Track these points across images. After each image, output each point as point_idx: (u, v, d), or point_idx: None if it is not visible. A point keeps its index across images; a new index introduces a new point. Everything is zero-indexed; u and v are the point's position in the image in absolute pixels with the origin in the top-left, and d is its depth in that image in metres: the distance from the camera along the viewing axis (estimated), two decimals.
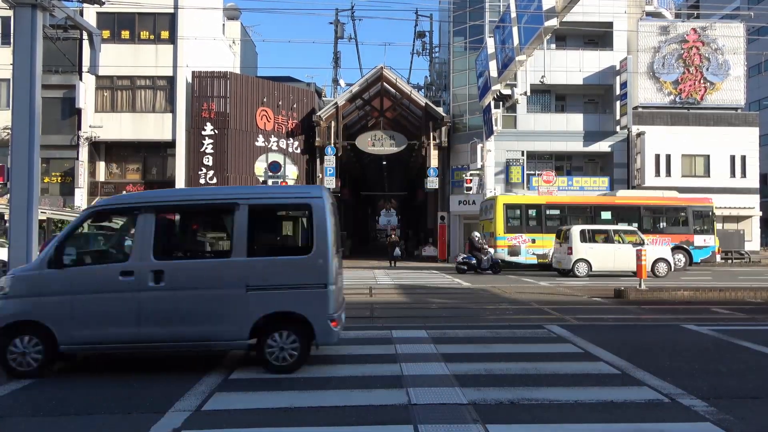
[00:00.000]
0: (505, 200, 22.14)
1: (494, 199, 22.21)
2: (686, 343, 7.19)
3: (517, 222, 21.85)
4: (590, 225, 19.77)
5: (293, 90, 30.01)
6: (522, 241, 21.11)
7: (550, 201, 22.77)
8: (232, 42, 34.83)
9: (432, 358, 6.16)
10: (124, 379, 5.43)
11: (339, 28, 37.24)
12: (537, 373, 5.53)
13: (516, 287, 14.91)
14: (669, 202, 22.87)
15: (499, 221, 21.48)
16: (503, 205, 21.74)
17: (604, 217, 21.97)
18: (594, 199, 23.36)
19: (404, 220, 60.69)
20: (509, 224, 21.64)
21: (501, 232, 21.30)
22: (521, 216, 22.02)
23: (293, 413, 4.39)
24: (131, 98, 27.03)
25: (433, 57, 38.65)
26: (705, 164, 28.42)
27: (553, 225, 21.66)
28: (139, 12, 26.09)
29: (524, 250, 21.21)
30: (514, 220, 21.85)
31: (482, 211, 23.91)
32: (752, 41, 35.87)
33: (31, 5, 11.67)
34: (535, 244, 21.35)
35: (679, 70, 28.25)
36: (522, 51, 21.60)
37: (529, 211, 22.13)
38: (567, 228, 18.98)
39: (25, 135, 11.63)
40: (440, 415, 4.28)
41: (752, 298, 12.15)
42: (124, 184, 27.75)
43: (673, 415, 4.34)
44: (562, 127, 28.49)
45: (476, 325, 8.76)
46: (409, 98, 29.83)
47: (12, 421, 4.33)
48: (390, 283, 16.45)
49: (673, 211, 22.72)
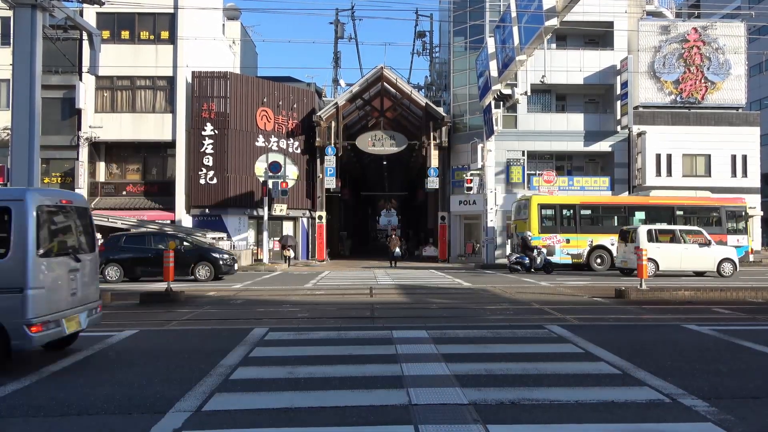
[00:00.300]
0: (540, 200, 22.24)
1: (528, 200, 22.27)
2: (687, 343, 7.18)
3: (551, 222, 21.97)
4: (657, 225, 19.97)
5: (293, 90, 30.01)
6: (556, 241, 21.21)
7: (585, 201, 22.98)
8: (232, 42, 34.84)
9: (432, 358, 6.16)
10: (125, 380, 5.43)
11: (339, 28, 37.28)
12: (538, 373, 5.53)
13: (516, 287, 14.90)
14: (702, 202, 22.98)
15: (533, 221, 21.60)
16: (537, 205, 21.85)
17: (638, 217, 22.22)
18: (628, 199, 23.54)
19: (404, 220, 60.72)
20: (543, 224, 21.76)
21: (536, 232, 21.39)
22: (555, 216, 22.15)
23: (294, 413, 4.39)
24: (131, 98, 27.03)
25: (433, 57, 38.67)
26: (706, 164, 28.41)
27: (587, 225, 21.98)
28: (138, 12, 26.10)
29: (558, 250, 21.31)
30: (548, 221, 21.97)
31: (515, 211, 24.03)
32: (753, 41, 35.83)
33: (31, 5, 11.68)
34: (570, 244, 21.46)
35: (679, 70, 28.24)
36: (522, 51, 21.58)
37: (563, 211, 22.29)
38: (634, 228, 19.22)
39: (25, 135, 11.64)
40: (441, 415, 4.27)
41: (753, 297, 12.14)
42: (124, 185, 27.77)
43: (674, 415, 4.34)
44: (562, 127, 28.48)
45: (477, 325, 8.76)
46: (409, 98, 29.83)
47: (12, 421, 4.32)
48: (390, 283, 16.45)
49: (706, 210, 22.79)
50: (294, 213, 28.85)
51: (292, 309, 10.81)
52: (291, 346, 6.91)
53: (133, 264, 17.08)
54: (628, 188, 27.90)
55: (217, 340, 7.42)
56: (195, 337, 8.00)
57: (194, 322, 9.40)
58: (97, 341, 7.26)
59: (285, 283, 16.71)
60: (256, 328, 8.16)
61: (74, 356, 6.41)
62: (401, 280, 17.73)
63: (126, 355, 6.64)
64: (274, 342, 7.22)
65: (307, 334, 7.74)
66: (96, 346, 7.00)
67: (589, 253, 21.35)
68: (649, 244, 17.96)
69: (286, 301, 12.17)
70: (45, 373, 5.69)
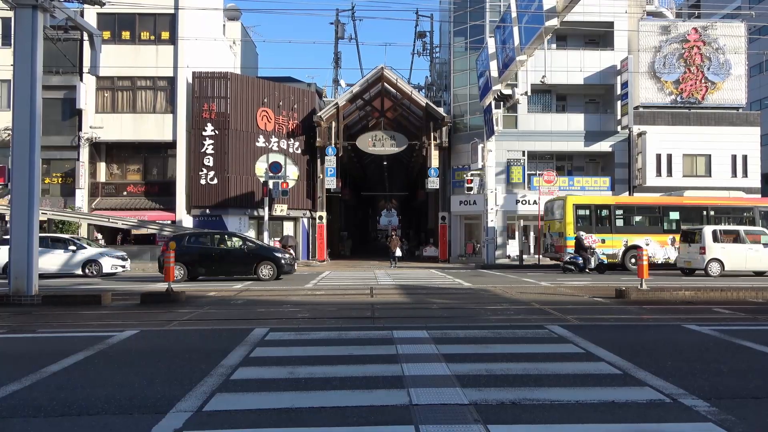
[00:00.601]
0: (575, 201, 22.43)
1: (563, 200, 22.43)
2: (688, 343, 7.18)
3: (586, 222, 22.11)
4: (721, 225, 20.21)
5: (294, 90, 30.03)
6: (592, 242, 21.29)
7: (620, 201, 23.22)
8: (232, 42, 34.86)
9: (433, 358, 6.15)
10: (126, 380, 5.43)
11: (339, 28, 37.31)
12: (538, 373, 5.52)
13: (517, 287, 14.90)
14: (735, 202, 23.15)
15: (568, 221, 21.77)
16: (573, 206, 22.02)
17: (672, 217, 22.49)
18: (662, 199, 23.67)
19: (405, 221, 60.70)
20: (579, 224, 21.86)
21: (571, 232, 21.52)
22: (590, 216, 22.28)
23: (294, 414, 4.39)
24: (132, 99, 27.05)
25: (433, 57, 38.69)
26: (706, 164, 28.42)
27: (622, 225, 22.16)
28: (139, 13, 26.14)
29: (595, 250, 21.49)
30: (583, 221, 22.11)
31: (547, 211, 24.17)
32: (753, 41, 35.84)
33: (32, 6, 11.69)
34: (605, 244, 21.58)
35: (680, 70, 28.24)
36: (523, 51, 21.60)
37: (598, 211, 22.40)
38: (698, 228, 19.39)
39: (25, 136, 11.65)
40: (441, 415, 4.27)
41: (754, 298, 12.13)
42: (124, 185, 27.79)
43: (675, 415, 4.33)
44: (563, 127, 28.49)
45: (477, 325, 8.75)
46: (409, 98, 29.84)
47: (13, 422, 4.32)
48: (391, 283, 16.44)
49: (739, 211, 22.89)
50: (294, 213, 28.87)
51: (292, 309, 10.81)
52: (292, 347, 6.91)
53: (196, 264, 17.35)
54: (629, 188, 27.91)
55: (218, 341, 7.42)
56: (196, 337, 7.99)
57: (195, 322, 9.40)
58: (97, 341, 7.27)
59: (285, 283, 16.71)
60: (257, 328, 8.16)
61: (75, 356, 6.42)
62: (402, 280, 17.73)
63: (127, 355, 6.64)
64: (275, 342, 7.22)
65: (307, 334, 7.74)
66: (97, 346, 7.00)
67: (624, 253, 21.55)
68: (715, 244, 18.30)
69: (286, 301, 12.17)
70: (45, 373, 5.70)
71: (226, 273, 17.70)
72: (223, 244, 18.10)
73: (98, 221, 24.13)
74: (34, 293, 11.69)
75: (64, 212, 24.82)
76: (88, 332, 8.26)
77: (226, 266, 17.60)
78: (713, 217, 22.32)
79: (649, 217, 22.66)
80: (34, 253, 11.81)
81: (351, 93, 29.83)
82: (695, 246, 18.71)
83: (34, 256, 11.82)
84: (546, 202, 24.65)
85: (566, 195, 23.16)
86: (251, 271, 17.25)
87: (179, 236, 19.20)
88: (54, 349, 6.81)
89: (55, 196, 26.84)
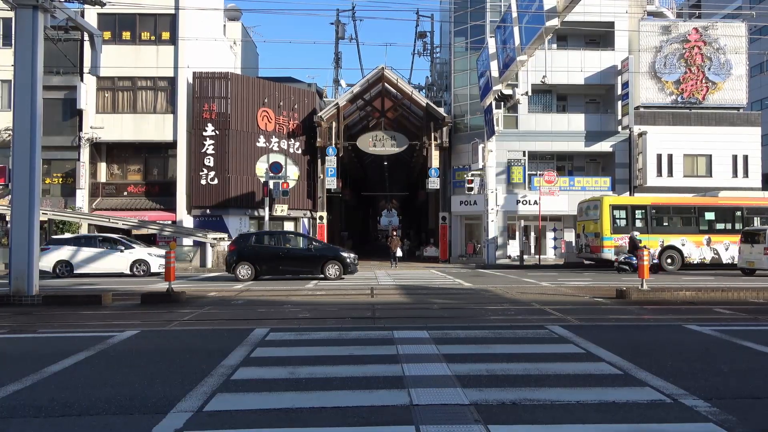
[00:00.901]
0: (612, 201, 22.61)
1: (600, 200, 22.58)
2: (688, 343, 7.17)
3: (623, 222, 22.26)
4: None
5: (294, 91, 30.03)
6: None
7: (656, 202, 23.28)
8: (233, 43, 34.85)
9: (433, 358, 6.16)
10: (126, 380, 5.43)
11: (340, 28, 37.32)
12: (539, 373, 5.52)
13: (517, 288, 14.90)
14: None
15: (605, 222, 21.91)
16: (609, 206, 22.19)
17: (707, 218, 22.59)
18: (697, 200, 23.77)
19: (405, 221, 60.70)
20: (615, 225, 22.05)
21: (607, 232, 21.75)
22: (627, 217, 22.44)
23: (295, 414, 4.39)
24: (132, 99, 27.05)
25: (434, 57, 38.69)
26: (707, 164, 28.41)
27: (658, 226, 22.35)
28: (140, 13, 26.15)
29: None
30: (620, 221, 22.27)
31: (581, 211, 24.32)
32: (754, 41, 35.84)
33: (33, 7, 11.70)
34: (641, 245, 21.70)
35: (680, 70, 28.23)
36: (523, 51, 21.59)
37: (635, 211, 22.53)
38: (762, 229, 19.50)
39: (26, 136, 11.66)
40: (442, 415, 4.27)
41: (755, 298, 12.13)
42: (125, 185, 27.80)
43: (676, 415, 4.33)
44: (563, 127, 28.48)
45: (478, 325, 8.75)
46: (410, 98, 29.84)
47: (13, 422, 4.32)
48: (391, 283, 16.45)
49: None
50: (295, 213, 28.86)
51: (293, 309, 10.82)
52: (292, 347, 6.91)
53: (263, 263, 17.54)
54: (629, 189, 27.91)
55: (219, 341, 7.42)
56: (196, 337, 8.00)
57: (195, 322, 9.41)
58: (98, 341, 7.27)
59: (286, 283, 16.72)
60: (258, 328, 8.17)
61: (75, 356, 6.42)
62: (402, 280, 17.74)
63: (127, 355, 6.64)
64: (276, 342, 7.22)
65: (308, 334, 7.74)
66: (97, 346, 7.00)
67: (660, 253, 21.67)
68: None
69: (287, 301, 12.17)
70: (46, 373, 5.70)
71: (293, 272, 17.93)
72: (290, 243, 18.40)
73: (99, 221, 24.13)
74: (35, 293, 11.70)
75: (64, 212, 24.83)
76: (88, 332, 8.26)
77: (294, 265, 17.80)
78: (747, 218, 22.54)
79: (685, 218, 22.78)
80: (34, 253, 11.81)
81: (351, 93, 29.84)
82: (759, 246, 18.84)
83: (34, 256, 11.83)
84: (580, 203, 24.81)
85: (602, 195, 23.37)
86: (318, 271, 17.57)
87: (245, 235, 19.53)
88: (55, 350, 6.82)
89: (55, 196, 26.85)
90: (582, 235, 23.76)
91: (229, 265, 17.56)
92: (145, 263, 19.88)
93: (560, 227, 29.10)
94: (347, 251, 18.99)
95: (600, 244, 21.89)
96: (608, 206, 22.15)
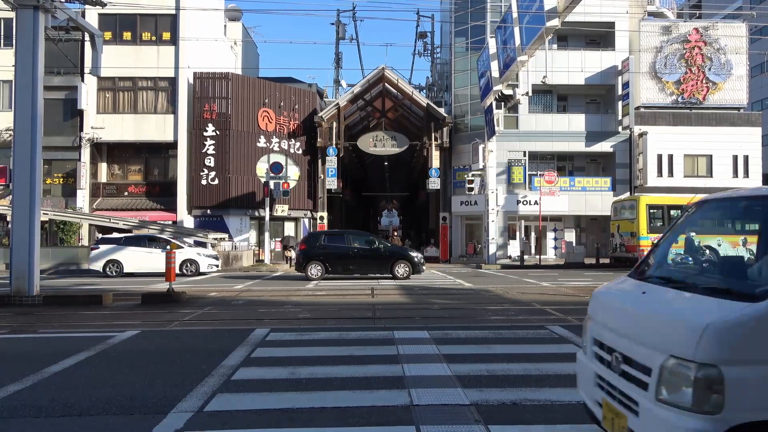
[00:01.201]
0: (648, 201, 22.78)
1: (636, 200, 22.79)
2: None
3: (659, 222, 22.38)
4: None
5: (295, 91, 30.04)
6: None
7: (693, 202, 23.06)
8: (233, 43, 34.87)
9: (434, 358, 6.16)
10: (126, 380, 5.44)
11: (340, 28, 37.30)
12: (539, 373, 5.53)
13: (518, 288, 14.90)
14: None
15: (642, 222, 22.11)
16: (646, 206, 22.41)
17: None
18: None
19: (406, 221, 60.70)
20: (652, 225, 22.18)
21: (644, 232, 21.92)
22: (663, 216, 22.56)
23: (295, 414, 4.39)
24: (133, 99, 27.07)
25: (434, 57, 38.68)
26: (707, 164, 28.39)
27: None
28: (140, 13, 26.16)
29: None
30: (656, 221, 22.37)
31: (615, 211, 24.48)
32: (754, 41, 35.84)
33: (34, 7, 11.71)
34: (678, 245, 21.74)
35: (681, 70, 28.22)
36: (524, 51, 21.58)
37: (671, 211, 22.62)
38: None
39: (27, 136, 11.67)
40: (442, 416, 4.28)
41: None
42: (125, 186, 27.81)
43: None
44: (563, 128, 28.48)
45: (478, 325, 8.75)
46: (410, 99, 29.85)
47: (14, 422, 4.33)
48: (392, 284, 16.44)
49: None
50: (295, 214, 28.87)
51: (293, 309, 10.82)
52: (292, 347, 6.92)
53: (334, 262, 17.77)
54: (630, 189, 27.91)
55: (219, 341, 7.42)
56: (197, 337, 8.00)
57: (196, 322, 9.41)
58: (98, 341, 7.27)
59: (286, 283, 16.72)
60: (258, 328, 8.17)
61: (76, 356, 6.42)
62: (402, 280, 17.74)
63: (128, 355, 6.64)
64: (276, 342, 7.22)
65: (308, 334, 7.74)
66: (98, 346, 7.00)
67: None
68: None
69: (287, 301, 12.17)
70: (47, 373, 5.70)
71: (363, 271, 18.11)
72: (358, 243, 18.53)
73: (99, 221, 24.13)
74: (36, 293, 11.70)
75: (65, 212, 24.85)
76: (89, 332, 8.27)
77: (364, 265, 17.99)
78: None
79: None
80: (35, 253, 11.82)
81: (352, 93, 29.84)
82: None
83: (35, 256, 11.83)
84: (614, 203, 24.96)
85: (638, 195, 23.54)
86: (387, 270, 17.80)
87: (314, 235, 19.85)
88: (55, 350, 6.82)
89: (56, 196, 26.86)
90: (616, 235, 23.97)
91: (300, 264, 17.85)
92: (195, 263, 19.91)
93: (561, 227, 29.10)
94: (414, 251, 19.21)
95: (636, 244, 22.05)
96: (645, 206, 22.38)
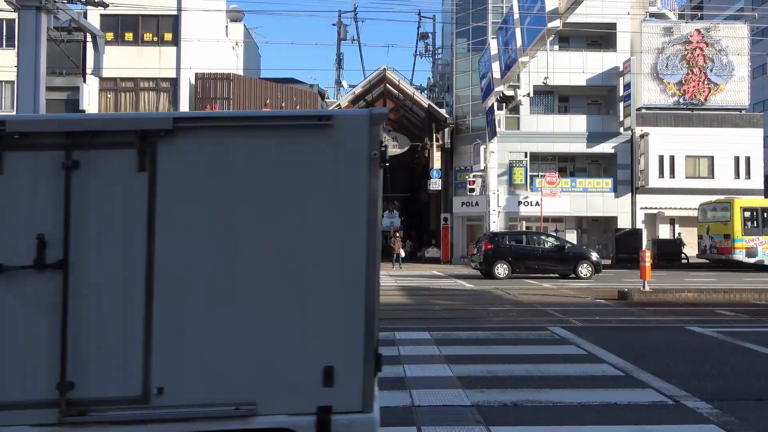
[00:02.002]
0: (743, 203, 23.01)
1: (730, 203, 23.04)
2: (690, 344, 7.17)
3: (754, 224, 22.57)
4: None
5: (296, 91, 30.05)
6: (759, 243, 21.83)
7: None
8: (235, 44, 34.89)
9: (435, 359, 6.16)
10: None
11: (342, 29, 37.30)
12: (540, 374, 5.53)
13: (519, 289, 14.89)
14: None
15: (737, 224, 22.30)
16: (740, 209, 22.60)
17: None
18: None
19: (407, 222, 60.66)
20: (746, 227, 22.36)
21: (739, 234, 22.10)
22: (758, 218, 22.72)
23: None
24: (135, 100, 27.09)
25: (435, 58, 38.66)
26: (709, 165, 28.35)
27: None
28: (142, 14, 26.16)
29: (761, 252, 21.98)
30: (751, 223, 22.57)
31: (704, 213, 24.64)
32: (756, 42, 35.81)
33: (36, 8, 11.72)
34: None
35: (682, 71, 28.19)
36: (525, 52, 21.58)
37: (764, 214, 22.80)
38: None
39: None
40: (444, 416, 4.28)
41: (756, 299, 12.11)
42: None
43: (677, 417, 4.33)
44: (565, 129, 28.45)
45: (479, 326, 8.75)
46: (411, 99, 29.86)
47: None
48: (393, 284, 16.44)
49: None
50: None
51: None
52: None
53: (519, 261, 17.99)
54: (631, 190, 27.88)
55: None
56: None
57: None
58: None
59: None
60: None
61: None
62: (403, 281, 17.74)
63: None
64: None
65: None
66: None
67: None
68: None
69: None
70: None
71: (547, 272, 18.31)
72: (541, 243, 18.76)
73: None
74: None
75: None
76: None
77: (549, 265, 18.22)
78: None
79: None
80: None
81: (353, 94, 29.85)
82: None
83: None
84: (702, 204, 25.03)
85: (731, 198, 23.68)
86: (571, 271, 17.94)
87: (499, 234, 20.04)
88: None
89: None
90: (706, 237, 24.04)
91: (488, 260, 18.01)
92: None
93: (562, 228, 29.06)
94: (594, 252, 19.41)
95: (731, 246, 22.21)
96: (739, 208, 22.59)
